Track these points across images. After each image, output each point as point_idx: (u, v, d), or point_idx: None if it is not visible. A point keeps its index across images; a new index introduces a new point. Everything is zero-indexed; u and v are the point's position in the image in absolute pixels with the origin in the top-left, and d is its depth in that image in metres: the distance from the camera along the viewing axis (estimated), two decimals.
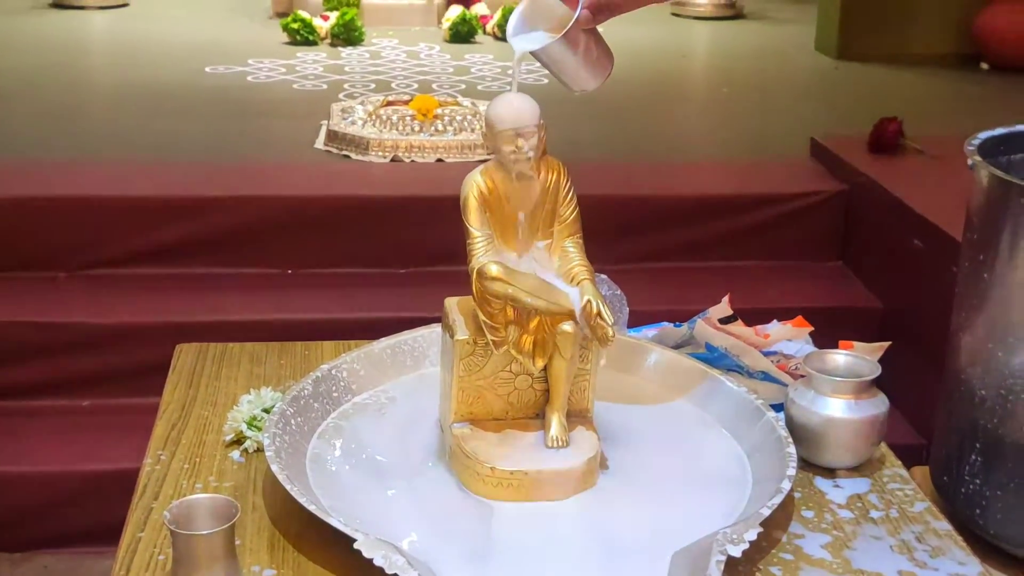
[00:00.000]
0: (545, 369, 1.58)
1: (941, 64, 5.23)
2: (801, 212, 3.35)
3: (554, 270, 1.57)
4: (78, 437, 2.83)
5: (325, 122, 3.83)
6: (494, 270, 1.50)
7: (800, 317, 1.91)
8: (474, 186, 1.55)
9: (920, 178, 3.25)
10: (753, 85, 4.97)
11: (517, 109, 1.50)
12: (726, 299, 1.89)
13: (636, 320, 2.03)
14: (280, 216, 3.19)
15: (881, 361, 2.79)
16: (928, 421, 2.86)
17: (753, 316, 2.96)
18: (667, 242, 3.34)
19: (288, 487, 1.46)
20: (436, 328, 1.81)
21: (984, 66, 5.25)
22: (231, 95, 4.42)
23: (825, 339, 2.10)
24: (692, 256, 3.35)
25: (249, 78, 4.70)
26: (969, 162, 3.26)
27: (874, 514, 1.57)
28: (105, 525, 2.66)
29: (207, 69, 4.81)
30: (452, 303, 1.64)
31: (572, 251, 1.58)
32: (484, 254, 1.52)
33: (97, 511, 2.69)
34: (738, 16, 6.53)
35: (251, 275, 3.15)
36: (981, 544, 1.76)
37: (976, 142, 1.78)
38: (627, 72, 4.93)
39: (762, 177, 3.53)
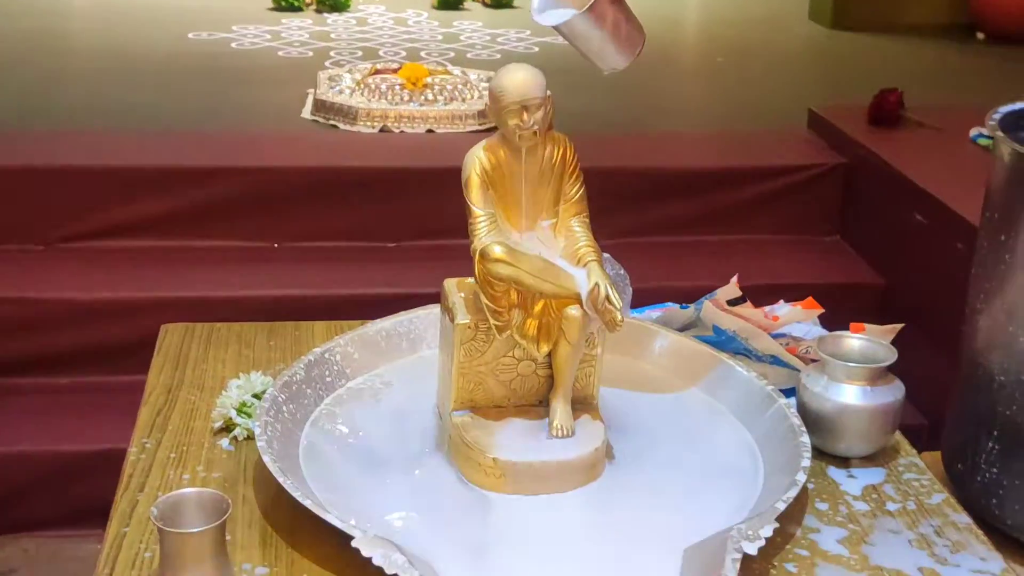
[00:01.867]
0: (549, 355, 1.51)
1: (937, 34, 5.16)
2: (800, 185, 3.28)
3: (559, 251, 1.50)
4: (57, 416, 2.74)
5: (312, 91, 3.73)
6: (498, 251, 1.43)
7: (811, 299, 1.84)
8: (476, 163, 1.47)
9: (921, 151, 3.18)
10: (748, 54, 4.88)
11: (523, 81, 1.43)
12: (734, 280, 1.82)
13: (635, 297, 1.95)
14: (267, 188, 3.09)
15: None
16: (932, 400, 2.80)
17: (751, 292, 2.88)
18: (663, 215, 3.26)
19: (281, 480, 1.39)
20: (433, 309, 1.74)
21: (980, 36, 5.17)
22: (215, 62, 4.30)
23: (825, 316, 2.03)
24: (688, 230, 3.28)
25: (233, 44, 4.59)
26: (974, 133, 3.17)
27: (890, 506, 1.52)
28: (87, 507, 2.60)
29: (190, 35, 4.69)
30: (451, 284, 1.57)
31: (578, 231, 1.51)
32: (487, 234, 1.45)
33: (78, 493, 2.62)
34: None
35: (237, 248, 3.06)
36: (997, 534, 1.69)
37: (996, 116, 1.71)
38: None
39: (760, 149, 3.45)
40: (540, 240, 1.50)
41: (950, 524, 1.49)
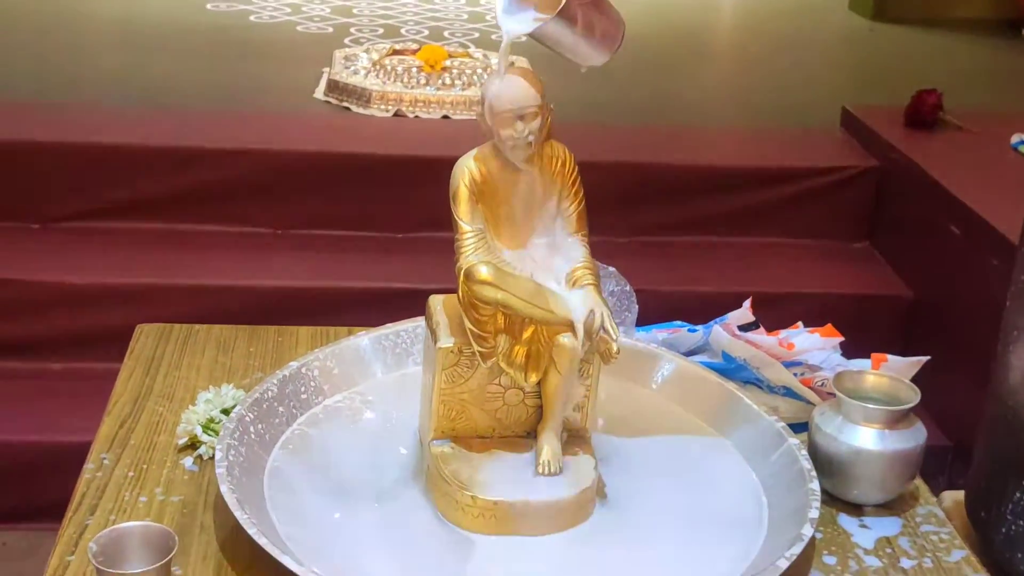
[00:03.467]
0: (539, 384, 1.39)
1: (980, 30, 4.97)
2: (829, 188, 3.12)
3: (554, 272, 1.37)
4: (46, 403, 2.64)
5: (327, 70, 3.61)
6: (484, 272, 1.31)
7: (830, 325, 1.71)
8: (466, 173, 1.35)
9: (959, 157, 3.02)
10: (782, 45, 4.71)
11: (517, 87, 1.30)
12: (747, 304, 1.69)
13: (644, 304, 1.82)
14: (271, 172, 2.96)
15: (908, 350, 2.58)
16: (958, 422, 2.67)
17: (774, 298, 2.77)
18: (681, 215, 3.11)
19: (238, 514, 1.28)
20: (421, 322, 1.61)
21: None
22: (231, 35, 4.18)
23: (849, 328, 1.88)
24: (707, 230, 3.13)
25: (252, 17, 4.46)
26: (1015, 140, 2.97)
27: (905, 563, 1.39)
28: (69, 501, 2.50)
29: (208, 6, 4.58)
30: (437, 302, 1.45)
31: (576, 251, 1.38)
32: (474, 252, 1.33)
33: (62, 485, 2.51)
34: None
35: (238, 234, 2.94)
36: None
37: None
38: (644, 26, 4.69)
39: (788, 148, 3.29)
40: (533, 260, 1.37)
41: None
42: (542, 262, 1.38)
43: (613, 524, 1.38)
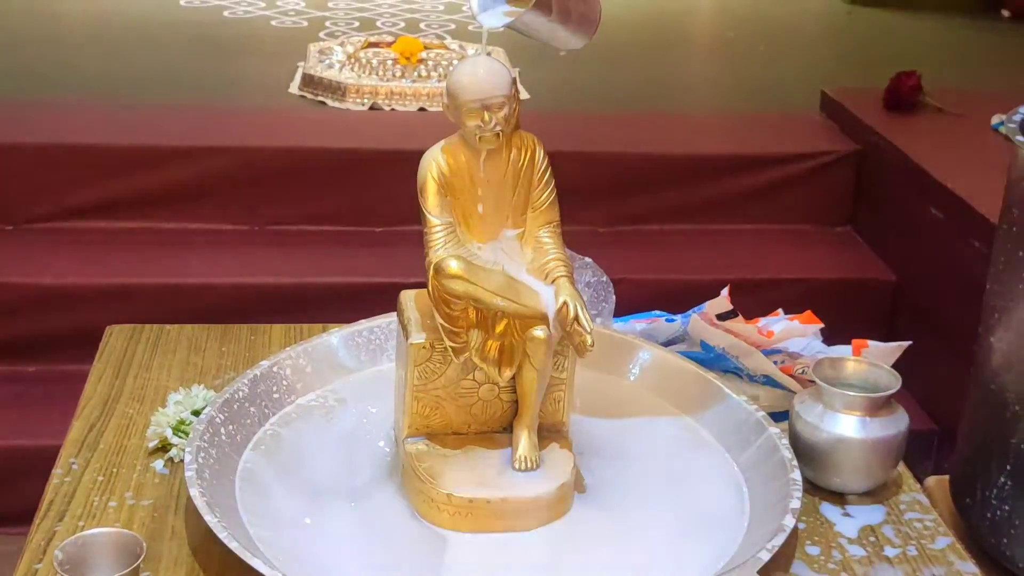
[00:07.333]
0: (514, 379, 1.36)
1: (960, 10, 4.95)
2: (809, 173, 3.10)
3: (526, 264, 1.35)
4: (22, 406, 2.61)
5: (301, 64, 3.57)
6: (454, 267, 1.28)
7: (809, 312, 1.69)
8: (433, 166, 1.33)
9: (939, 139, 3.00)
10: (760, 30, 4.69)
11: (482, 77, 1.27)
12: (724, 292, 1.67)
13: (623, 294, 1.80)
14: (247, 168, 2.93)
15: (892, 335, 2.56)
16: (941, 404, 2.66)
17: (755, 287, 2.76)
18: (661, 203, 3.09)
19: (208, 518, 1.25)
20: (394, 318, 1.59)
21: (1005, 13, 4.97)
22: (205, 31, 4.14)
23: (833, 314, 1.87)
24: (687, 218, 3.10)
25: (226, 13, 4.41)
26: (995, 121, 2.95)
27: (889, 551, 1.37)
28: None
29: (182, 2, 4.53)
30: (408, 297, 1.43)
31: (548, 242, 1.36)
32: (443, 246, 1.31)
33: (41, 489, 2.48)
34: None
35: (214, 231, 2.91)
36: None
37: (1017, 118, 1.55)
38: (622, 12, 4.66)
39: (768, 134, 3.27)
40: (504, 252, 1.35)
41: (954, 574, 1.34)
42: (514, 254, 1.35)
43: (593, 518, 1.36)
